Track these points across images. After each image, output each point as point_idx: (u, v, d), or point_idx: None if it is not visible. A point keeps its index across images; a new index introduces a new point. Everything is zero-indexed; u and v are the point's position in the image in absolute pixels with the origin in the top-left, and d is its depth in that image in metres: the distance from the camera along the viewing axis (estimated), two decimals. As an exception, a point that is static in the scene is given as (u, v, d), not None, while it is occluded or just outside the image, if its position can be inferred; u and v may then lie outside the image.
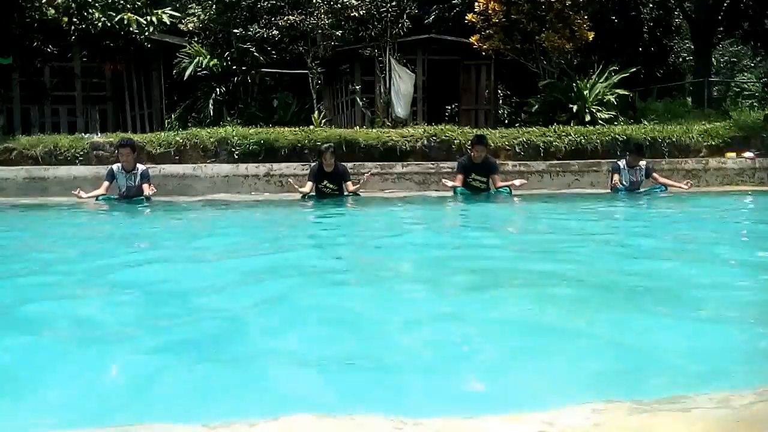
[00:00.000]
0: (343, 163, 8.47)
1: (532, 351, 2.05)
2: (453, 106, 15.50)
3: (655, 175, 8.68)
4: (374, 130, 10.57)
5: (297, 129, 10.26)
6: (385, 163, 9.45)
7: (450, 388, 1.77)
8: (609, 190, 8.72)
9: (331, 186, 8.16)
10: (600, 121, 11.47)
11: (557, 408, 1.56)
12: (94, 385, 1.79)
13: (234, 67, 13.61)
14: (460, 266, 3.62)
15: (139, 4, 12.54)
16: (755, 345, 2.15)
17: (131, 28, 12.14)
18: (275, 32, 13.31)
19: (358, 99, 13.85)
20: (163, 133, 10.21)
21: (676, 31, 22.30)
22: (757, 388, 1.66)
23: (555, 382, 1.80)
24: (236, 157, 9.45)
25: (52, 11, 11.86)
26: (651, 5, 20.35)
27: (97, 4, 12.06)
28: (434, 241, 4.69)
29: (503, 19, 12.12)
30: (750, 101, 20.27)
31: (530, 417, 1.52)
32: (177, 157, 9.42)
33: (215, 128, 10.59)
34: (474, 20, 12.61)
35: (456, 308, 2.60)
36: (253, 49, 13.42)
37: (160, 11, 12.87)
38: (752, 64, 28.81)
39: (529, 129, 10.69)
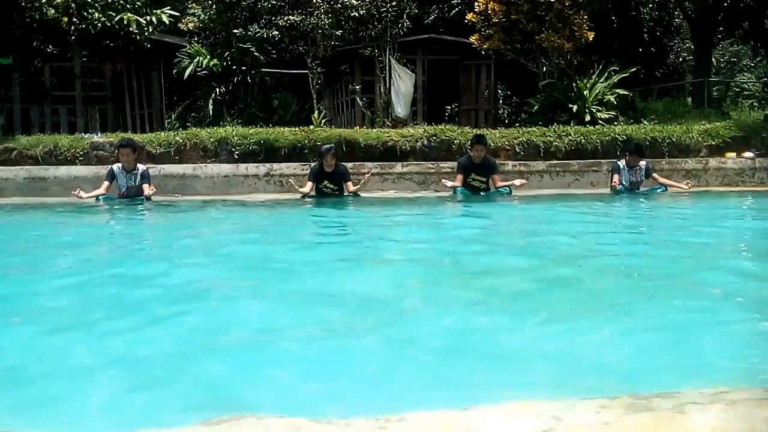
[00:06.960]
0: (343, 163, 8.48)
1: (531, 346, 2.05)
2: (453, 106, 15.49)
3: (655, 175, 8.68)
4: (374, 130, 10.56)
5: (297, 129, 10.25)
6: (385, 163, 9.44)
7: (448, 383, 1.78)
8: (609, 190, 8.71)
9: (331, 186, 8.16)
10: (600, 121, 11.47)
11: (562, 402, 1.55)
12: (93, 386, 1.80)
13: (234, 67, 13.61)
14: (458, 264, 3.62)
15: (139, 4, 12.53)
16: (756, 343, 2.15)
17: (131, 28, 12.13)
18: (275, 32, 13.31)
19: (358, 99, 13.84)
20: (163, 133, 10.20)
21: (676, 31, 22.28)
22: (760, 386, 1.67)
23: (560, 378, 1.80)
24: (236, 157, 9.45)
25: (52, 11, 11.85)
26: (651, 5, 20.32)
27: (97, 4, 12.05)
28: (433, 239, 4.68)
29: (503, 19, 12.12)
30: (750, 101, 20.30)
31: (535, 410, 1.51)
32: (177, 157, 9.42)
33: (215, 128, 10.58)
34: (474, 20, 12.61)
35: (454, 304, 2.60)
36: (253, 49, 13.42)
37: (159, 11, 12.87)
38: (752, 64, 28.81)
39: (529, 129, 10.68)
